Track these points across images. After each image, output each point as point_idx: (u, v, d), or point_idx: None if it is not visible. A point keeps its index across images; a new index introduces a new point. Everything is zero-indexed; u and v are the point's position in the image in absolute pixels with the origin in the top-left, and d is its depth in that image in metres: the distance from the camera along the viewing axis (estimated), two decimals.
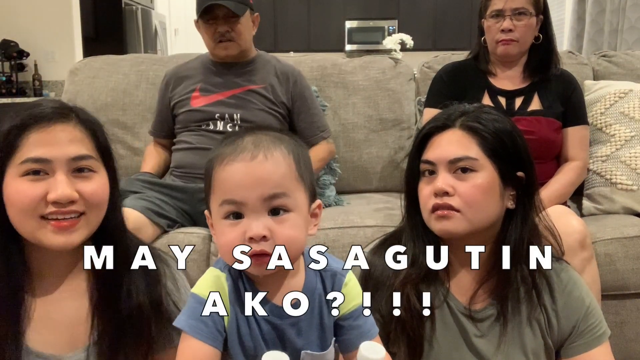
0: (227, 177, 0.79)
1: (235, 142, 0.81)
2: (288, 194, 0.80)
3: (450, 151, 1.02)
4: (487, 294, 1.08)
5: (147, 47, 5.96)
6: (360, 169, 2.27)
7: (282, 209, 0.80)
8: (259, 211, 0.78)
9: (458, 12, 7.22)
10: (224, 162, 0.80)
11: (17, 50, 4.98)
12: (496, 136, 1.04)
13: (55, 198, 0.87)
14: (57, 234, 0.89)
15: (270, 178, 0.78)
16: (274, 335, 0.84)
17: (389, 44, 3.22)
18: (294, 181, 0.81)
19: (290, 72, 1.98)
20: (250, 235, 0.78)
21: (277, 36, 7.45)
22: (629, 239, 1.71)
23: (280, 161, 0.80)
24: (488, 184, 1.02)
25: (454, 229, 1.01)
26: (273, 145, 0.81)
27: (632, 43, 3.75)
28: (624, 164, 1.92)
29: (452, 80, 1.91)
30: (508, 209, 1.07)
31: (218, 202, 0.81)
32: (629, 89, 2.02)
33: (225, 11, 1.84)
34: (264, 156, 0.79)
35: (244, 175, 0.78)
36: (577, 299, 1.08)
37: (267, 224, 0.78)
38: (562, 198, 1.79)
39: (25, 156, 0.87)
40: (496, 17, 1.81)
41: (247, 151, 0.79)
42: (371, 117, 2.26)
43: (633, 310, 1.77)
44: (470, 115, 1.06)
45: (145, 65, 2.32)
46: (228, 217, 0.80)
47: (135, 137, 2.23)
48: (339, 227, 1.75)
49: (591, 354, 1.07)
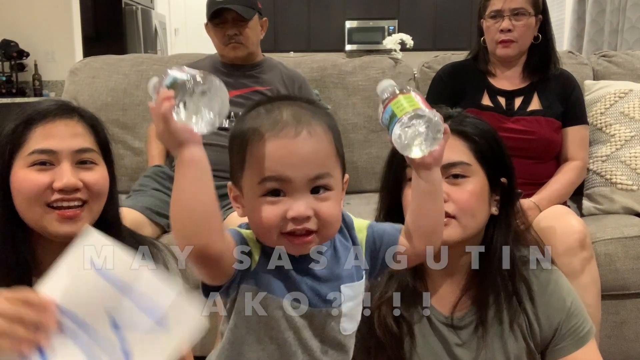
0: (268, 154, 0.75)
1: (272, 115, 0.77)
2: (331, 174, 0.78)
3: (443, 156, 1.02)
4: (468, 301, 1.06)
5: (147, 47, 5.96)
6: (360, 169, 2.27)
7: (324, 188, 0.77)
8: (303, 190, 0.75)
9: (458, 12, 7.21)
10: (265, 138, 0.75)
11: (17, 50, 4.98)
12: (484, 140, 1.02)
13: (61, 186, 0.92)
14: (62, 223, 0.93)
15: (315, 157, 0.76)
16: (306, 278, 0.81)
17: (389, 44, 3.21)
18: (335, 158, 0.79)
19: (295, 78, 2.04)
20: (293, 215, 0.75)
21: (277, 36, 7.44)
22: (629, 239, 1.71)
23: (323, 138, 0.77)
24: (480, 190, 1.00)
25: (448, 237, 0.97)
26: (314, 120, 0.77)
27: (633, 43, 3.74)
28: (624, 164, 1.92)
29: (451, 80, 1.92)
30: (491, 216, 1.05)
31: (257, 179, 0.76)
32: (629, 89, 2.02)
33: (234, 15, 1.90)
34: (308, 133, 0.76)
35: (289, 153, 0.75)
36: (558, 300, 1.06)
37: (310, 204, 0.76)
38: (562, 198, 1.79)
39: (33, 148, 0.93)
40: (495, 17, 1.81)
41: (290, 127, 0.75)
42: (371, 117, 2.26)
43: (633, 310, 1.77)
44: (455, 119, 1.04)
45: (145, 65, 2.32)
46: (266, 194, 0.76)
47: (135, 137, 2.23)
48: None
49: (576, 355, 1.05)
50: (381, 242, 0.88)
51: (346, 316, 0.83)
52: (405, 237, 0.88)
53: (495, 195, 1.05)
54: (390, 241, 0.88)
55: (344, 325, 0.83)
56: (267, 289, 0.79)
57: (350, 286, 0.83)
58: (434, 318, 1.07)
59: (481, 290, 1.04)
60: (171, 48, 6.70)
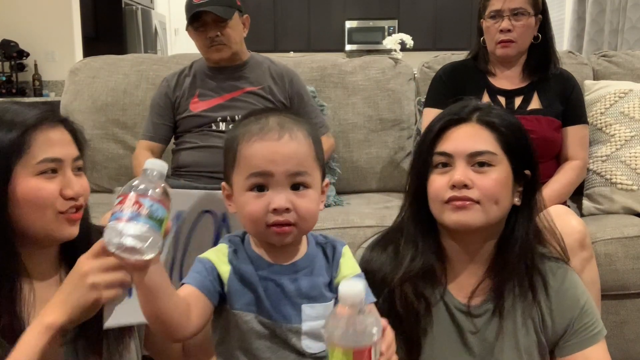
0: (255, 153, 0.87)
1: (260, 122, 0.89)
2: (309, 173, 0.88)
3: (470, 145, 1.04)
4: (485, 289, 1.08)
5: (147, 47, 5.96)
6: (360, 169, 2.27)
7: (303, 185, 0.88)
8: (283, 185, 0.86)
9: (458, 12, 7.21)
10: (252, 140, 0.87)
11: (17, 50, 4.98)
12: (511, 132, 1.06)
13: (72, 194, 0.96)
14: (71, 225, 0.98)
15: (295, 156, 0.87)
16: (272, 291, 0.89)
17: (389, 44, 3.21)
18: (313, 161, 0.90)
19: (285, 72, 2.00)
20: (274, 206, 0.85)
21: (277, 36, 7.44)
22: (629, 239, 1.71)
23: (303, 142, 0.89)
24: (505, 179, 1.04)
25: (471, 221, 1.02)
26: (296, 126, 0.89)
27: (633, 43, 3.74)
28: (624, 164, 1.92)
29: (451, 80, 1.92)
30: (513, 206, 1.08)
31: (244, 175, 0.87)
32: (629, 89, 2.02)
33: (213, 17, 1.86)
34: (290, 136, 0.87)
35: (272, 152, 0.86)
36: (572, 297, 1.08)
37: (289, 197, 0.86)
38: (562, 197, 1.79)
39: (41, 156, 0.94)
40: (495, 17, 1.81)
41: (274, 131, 0.87)
42: (371, 117, 2.26)
43: (633, 310, 1.77)
44: (484, 110, 1.08)
45: (145, 65, 2.32)
46: (252, 189, 0.87)
47: (135, 137, 2.23)
48: (339, 227, 1.75)
49: (586, 353, 1.07)
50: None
51: (307, 335, 0.89)
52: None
53: (519, 186, 1.08)
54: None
55: (307, 343, 0.89)
56: (237, 305, 0.88)
57: (312, 306, 0.89)
58: (450, 304, 1.09)
59: (500, 280, 1.06)
60: (171, 48, 6.70)
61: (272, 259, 0.91)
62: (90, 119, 2.25)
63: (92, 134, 2.24)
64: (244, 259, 0.91)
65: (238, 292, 0.88)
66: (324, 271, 0.92)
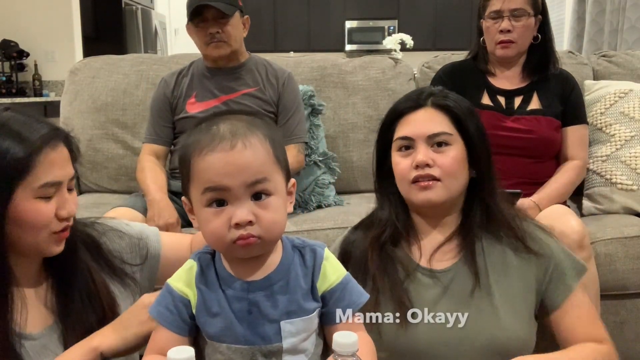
0: (207, 167, 0.81)
1: (211, 131, 0.82)
2: (269, 179, 0.82)
3: (428, 127, 1.13)
4: (453, 250, 1.15)
5: (147, 47, 5.97)
6: (360, 169, 2.27)
7: (264, 193, 0.82)
8: (242, 197, 0.81)
9: (458, 12, 7.22)
10: (203, 152, 0.81)
11: (17, 50, 4.99)
12: (462, 112, 1.15)
13: (66, 215, 0.97)
14: (59, 244, 0.99)
15: (251, 165, 0.81)
16: (246, 312, 0.85)
17: (389, 44, 3.21)
18: (273, 165, 0.84)
19: (280, 74, 1.99)
20: (236, 221, 0.80)
21: (277, 36, 7.45)
22: (629, 239, 1.71)
23: (258, 148, 0.82)
24: (461, 155, 1.13)
25: (436, 198, 1.11)
26: (250, 132, 0.82)
27: (632, 43, 3.74)
28: (624, 164, 1.92)
29: (451, 80, 1.91)
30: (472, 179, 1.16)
31: (199, 191, 0.82)
32: (629, 89, 2.02)
33: (214, 12, 1.85)
34: (243, 144, 0.81)
35: (225, 164, 0.80)
36: (545, 245, 1.13)
37: (251, 209, 0.81)
38: (562, 197, 1.79)
39: (44, 180, 0.93)
40: (495, 17, 1.82)
41: (226, 140, 0.81)
42: (371, 117, 2.26)
43: (633, 310, 1.77)
44: (438, 95, 1.18)
45: (145, 65, 2.32)
46: (211, 204, 0.82)
47: (135, 137, 2.23)
48: (339, 227, 1.75)
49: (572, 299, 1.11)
50: (342, 301, 0.89)
51: (289, 352, 0.86)
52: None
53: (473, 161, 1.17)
54: (347, 305, 0.89)
55: None
56: (209, 334, 0.86)
57: (292, 322, 0.86)
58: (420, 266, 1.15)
59: (465, 238, 1.14)
60: (171, 48, 6.71)
61: (244, 275, 0.86)
62: (90, 119, 2.25)
63: (92, 134, 2.24)
64: (212, 282, 0.87)
65: (207, 323, 0.86)
66: (301, 280, 0.88)
